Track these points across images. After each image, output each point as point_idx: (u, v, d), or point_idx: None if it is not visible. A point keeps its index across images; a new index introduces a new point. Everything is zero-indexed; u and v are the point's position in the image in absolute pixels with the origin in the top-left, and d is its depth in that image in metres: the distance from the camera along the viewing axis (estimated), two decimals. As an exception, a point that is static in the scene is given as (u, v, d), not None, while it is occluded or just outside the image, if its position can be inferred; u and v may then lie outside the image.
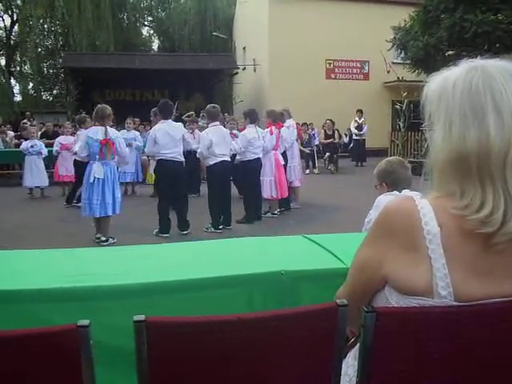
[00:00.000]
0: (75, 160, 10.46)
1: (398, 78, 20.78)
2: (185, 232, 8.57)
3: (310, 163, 18.16)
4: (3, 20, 34.66)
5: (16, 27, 33.89)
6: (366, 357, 1.43)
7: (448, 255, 1.37)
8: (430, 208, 1.41)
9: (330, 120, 19.26)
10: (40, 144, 13.42)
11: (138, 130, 14.90)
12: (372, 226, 1.57)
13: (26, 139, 14.17)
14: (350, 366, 1.71)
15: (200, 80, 26.34)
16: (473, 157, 1.35)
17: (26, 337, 1.32)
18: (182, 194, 8.77)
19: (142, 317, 1.34)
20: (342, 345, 1.51)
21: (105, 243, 7.97)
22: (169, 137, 8.31)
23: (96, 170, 7.79)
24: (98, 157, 7.83)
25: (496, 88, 1.38)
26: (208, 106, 9.33)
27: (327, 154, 18.71)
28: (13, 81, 34.69)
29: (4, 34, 34.81)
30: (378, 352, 1.42)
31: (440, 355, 1.41)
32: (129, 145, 9.69)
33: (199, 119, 14.35)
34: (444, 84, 1.47)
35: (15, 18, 33.32)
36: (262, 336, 1.42)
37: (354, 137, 20.37)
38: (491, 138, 1.35)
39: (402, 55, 19.49)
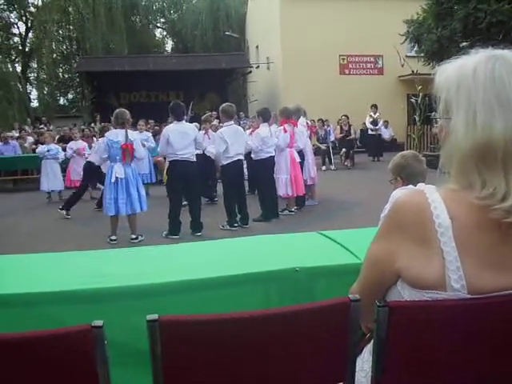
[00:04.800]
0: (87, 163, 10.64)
1: (413, 71, 20.62)
2: (198, 233, 8.53)
3: (327, 159, 18.11)
4: (18, 27, 35.04)
5: (31, 34, 34.22)
6: (379, 351, 1.43)
7: (460, 248, 1.36)
8: (441, 201, 1.40)
9: (346, 116, 19.20)
10: (56, 148, 13.52)
11: (155, 132, 14.95)
12: (383, 221, 1.56)
13: (42, 144, 14.30)
14: (365, 361, 1.70)
15: (214, 80, 26.38)
16: (499, 146, 1.34)
17: (42, 338, 1.34)
18: (195, 195, 8.77)
19: (155, 316, 1.35)
20: (355, 340, 1.51)
21: (135, 240, 8.17)
22: (182, 137, 8.33)
23: (117, 170, 7.99)
24: (118, 158, 7.97)
25: None
26: (224, 105, 9.33)
27: (343, 149, 18.66)
28: (29, 87, 35.04)
29: (19, 41, 35.12)
30: (391, 346, 1.41)
31: (453, 348, 1.40)
32: (143, 145, 9.75)
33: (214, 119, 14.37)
34: (462, 72, 1.44)
35: (29, 25, 33.61)
36: (275, 333, 1.42)
37: (370, 132, 20.26)
38: None
39: (416, 48, 19.33)
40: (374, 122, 20.18)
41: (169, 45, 41.65)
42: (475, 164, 1.38)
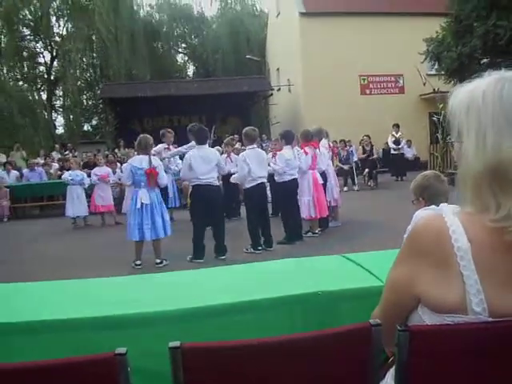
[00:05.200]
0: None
1: (434, 89, 20.56)
2: (222, 257, 8.53)
3: (349, 180, 18.08)
4: (43, 57, 35.79)
5: (56, 62, 34.92)
6: (401, 376, 1.43)
7: (480, 271, 1.36)
8: (459, 224, 1.40)
9: (367, 136, 19.16)
10: (81, 174, 13.69)
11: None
12: (402, 246, 1.56)
13: (68, 170, 14.51)
14: (388, 385, 1.70)
15: (236, 103, 26.54)
16: (510, 166, 1.34)
17: (65, 366, 1.36)
18: (219, 219, 8.79)
19: (177, 343, 1.37)
20: (377, 364, 1.51)
21: (160, 265, 8.21)
22: (204, 162, 8.38)
23: (142, 196, 8.05)
24: (143, 184, 8.03)
25: None
26: (247, 129, 9.34)
27: (366, 170, 18.60)
28: (54, 114, 35.67)
29: (45, 70, 35.82)
30: (413, 370, 1.41)
31: (476, 371, 1.40)
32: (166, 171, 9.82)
33: (236, 143, 14.51)
34: (472, 95, 1.45)
35: (54, 54, 34.32)
36: (296, 358, 1.43)
37: (393, 151, 20.18)
38: None
39: (436, 66, 19.29)
40: (397, 142, 20.10)
41: (190, 69, 42.13)
42: (489, 186, 1.38)
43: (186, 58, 41.83)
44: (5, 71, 31.46)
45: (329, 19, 23.83)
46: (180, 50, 40.73)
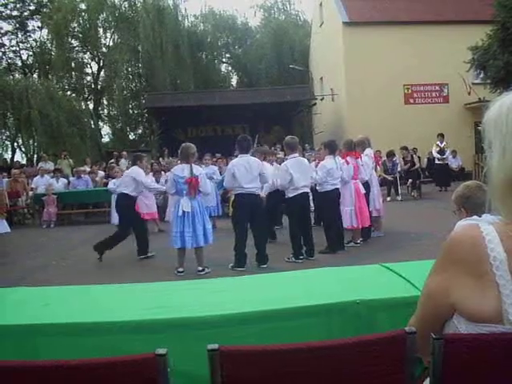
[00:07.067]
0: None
1: (480, 98, 20.21)
2: (263, 266, 8.55)
3: (393, 190, 17.90)
4: (91, 67, 36.62)
5: (102, 73, 35.67)
6: (436, 383, 1.44)
7: None
8: (496, 234, 1.41)
9: (405, 148, 18.94)
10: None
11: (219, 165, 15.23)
12: (438, 255, 1.57)
13: (113, 178, 14.75)
14: (425, 394, 1.70)
15: (279, 112, 26.59)
16: None
17: (108, 365, 1.42)
18: (261, 228, 8.82)
19: (215, 345, 1.41)
20: (412, 372, 1.52)
21: (202, 273, 8.25)
22: (247, 171, 8.45)
23: (184, 204, 8.12)
24: (185, 192, 8.12)
25: None
26: (287, 138, 9.39)
27: (409, 180, 18.39)
28: (100, 123, 36.35)
29: (92, 80, 36.61)
30: (447, 378, 1.42)
31: (510, 382, 1.39)
32: (210, 178, 9.89)
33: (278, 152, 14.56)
34: (499, 110, 1.47)
35: (101, 64, 35.07)
36: (332, 364, 1.45)
37: (437, 161, 19.89)
38: None
39: (482, 75, 18.95)
40: (441, 152, 19.79)
41: (234, 79, 42.33)
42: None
43: (230, 68, 42.08)
44: (54, 81, 32.24)
45: (372, 29, 23.71)
46: (224, 59, 41.02)
